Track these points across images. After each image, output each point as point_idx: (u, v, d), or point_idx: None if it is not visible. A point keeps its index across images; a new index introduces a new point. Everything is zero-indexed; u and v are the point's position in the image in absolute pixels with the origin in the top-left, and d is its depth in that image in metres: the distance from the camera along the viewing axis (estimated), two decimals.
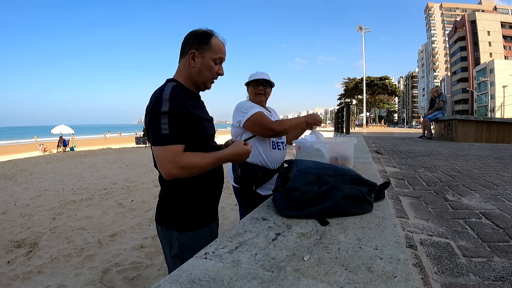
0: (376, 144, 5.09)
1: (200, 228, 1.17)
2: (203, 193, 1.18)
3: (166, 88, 1.05)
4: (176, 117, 1.01)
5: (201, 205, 1.18)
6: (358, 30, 26.58)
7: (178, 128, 1.01)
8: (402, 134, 10.84)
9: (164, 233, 1.17)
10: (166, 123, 0.99)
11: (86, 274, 2.67)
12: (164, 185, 1.16)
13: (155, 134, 1.00)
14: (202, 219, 1.18)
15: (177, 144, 0.99)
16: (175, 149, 0.99)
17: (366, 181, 1.05)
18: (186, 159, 1.00)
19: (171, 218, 1.15)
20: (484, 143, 5.60)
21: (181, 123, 1.02)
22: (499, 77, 47.83)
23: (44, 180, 7.56)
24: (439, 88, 7.06)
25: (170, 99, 1.01)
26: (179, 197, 1.14)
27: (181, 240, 1.12)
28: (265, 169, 1.74)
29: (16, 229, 3.90)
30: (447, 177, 2.12)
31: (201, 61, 1.14)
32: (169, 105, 1.00)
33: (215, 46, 1.15)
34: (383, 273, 0.63)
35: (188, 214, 1.15)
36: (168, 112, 0.99)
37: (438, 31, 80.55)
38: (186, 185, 1.12)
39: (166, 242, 1.17)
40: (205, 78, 1.17)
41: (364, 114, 27.64)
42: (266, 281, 0.60)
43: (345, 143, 1.66)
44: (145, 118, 1.07)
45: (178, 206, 1.14)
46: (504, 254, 0.89)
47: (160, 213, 1.19)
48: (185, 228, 1.14)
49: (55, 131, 21.25)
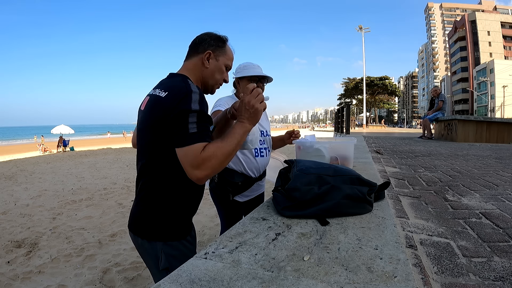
0: (376, 144, 5.09)
1: (184, 237, 1.11)
2: (187, 200, 1.10)
3: (192, 86, 0.98)
4: (205, 117, 0.95)
5: (185, 213, 1.11)
6: (358, 30, 26.58)
7: (206, 127, 0.95)
8: (402, 134, 10.84)
9: (146, 246, 1.07)
10: (194, 122, 0.92)
11: (86, 274, 2.67)
12: (152, 192, 1.05)
13: (181, 134, 0.91)
14: (185, 227, 1.13)
15: (205, 142, 0.92)
16: (200, 148, 0.90)
17: (366, 181, 1.05)
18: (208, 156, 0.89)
19: (155, 229, 1.05)
20: (484, 143, 5.60)
21: (209, 123, 0.97)
22: (499, 77, 47.84)
23: (44, 180, 7.56)
24: (438, 88, 7.06)
25: (200, 98, 0.95)
26: (163, 206, 1.05)
27: (168, 251, 1.05)
28: (245, 177, 1.61)
29: (16, 229, 3.90)
30: (447, 177, 2.12)
31: (215, 64, 1.12)
32: (199, 105, 0.94)
33: (228, 52, 1.15)
34: (383, 273, 0.63)
35: (173, 223, 1.07)
36: (198, 111, 0.93)
37: (438, 31, 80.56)
38: (169, 191, 1.04)
39: (149, 255, 1.08)
40: (216, 81, 1.14)
41: (364, 114, 27.64)
42: (266, 281, 0.60)
43: (345, 143, 1.66)
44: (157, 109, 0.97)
45: (162, 215, 1.05)
46: (504, 254, 0.89)
47: (140, 224, 1.07)
48: (170, 238, 1.06)
49: (55, 131, 21.26)
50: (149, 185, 1.05)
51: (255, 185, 1.68)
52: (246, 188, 1.63)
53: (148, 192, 1.06)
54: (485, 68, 50.76)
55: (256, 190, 1.72)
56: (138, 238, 1.08)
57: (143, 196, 1.06)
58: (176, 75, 1.08)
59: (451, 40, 63.27)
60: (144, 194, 1.06)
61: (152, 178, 1.04)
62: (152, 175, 1.03)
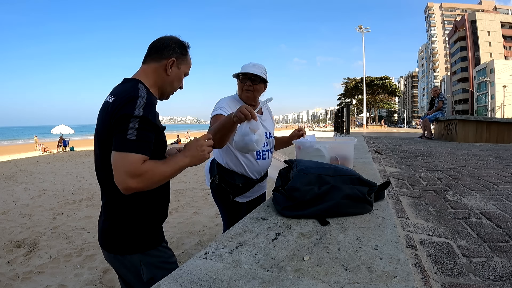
0: (376, 144, 5.09)
1: (160, 243, 1.09)
2: (154, 207, 1.07)
3: (141, 91, 0.95)
4: (148, 125, 0.91)
5: (155, 219, 1.08)
6: (358, 30, 26.58)
7: (147, 137, 0.91)
8: (402, 134, 10.84)
9: (121, 261, 1.02)
10: (135, 128, 0.88)
11: (86, 274, 2.67)
12: (116, 202, 1.00)
13: (119, 138, 0.88)
14: (158, 234, 1.10)
15: (141, 154, 0.88)
16: (137, 158, 0.87)
17: (366, 181, 1.05)
18: (147, 170, 0.88)
19: (129, 242, 1.01)
20: (484, 143, 5.60)
21: (151, 132, 0.93)
22: (499, 77, 47.84)
23: (44, 180, 7.56)
24: (438, 88, 7.06)
25: (146, 104, 0.92)
26: (136, 215, 1.01)
27: (147, 261, 1.03)
28: (246, 179, 1.59)
29: (16, 229, 3.90)
30: (447, 177, 2.12)
31: (176, 72, 1.09)
32: (143, 111, 0.90)
33: (189, 60, 1.13)
34: (383, 273, 0.63)
35: (146, 232, 1.04)
36: (141, 117, 0.89)
37: (438, 31, 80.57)
38: (133, 201, 1.00)
39: (127, 269, 1.03)
40: (173, 89, 1.12)
41: (364, 114, 27.64)
42: (266, 281, 0.60)
43: (345, 143, 1.66)
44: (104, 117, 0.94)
45: (133, 226, 1.01)
46: (504, 254, 0.89)
47: (112, 240, 1.02)
48: (147, 247, 1.03)
49: (55, 131, 21.27)
50: (112, 197, 1.01)
51: (256, 187, 1.67)
52: (247, 189, 1.61)
53: (113, 205, 1.02)
54: (485, 68, 50.76)
55: (257, 191, 1.72)
56: (112, 255, 1.03)
57: (109, 210, 1.02)
58: (130, 80, 1.03)
59: (451, 40, 63.28)
60: (110, 207, 1.02)
61: (112, 189, 0.96)
62: (111, 187, 0.96)
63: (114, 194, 0.99)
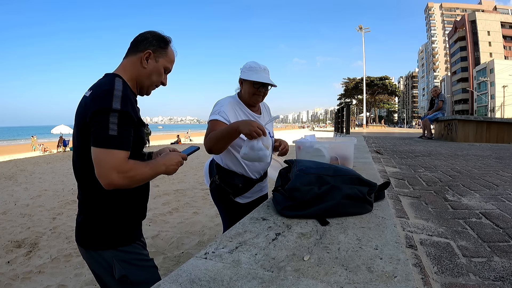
0: (376, 144, 5.09)
1: (134, 240, 1.08)
2: (131, 203, 1.06)
3: (117, 84, 0.93)
4: (127, 119, 0.90)
5: (131, 216, 1.08)
6: (358, 30, 26.59)
7: (127, 132, 0.91)
8: (402, 134, 10.84)
9: (95, 257, 1.01)
10: (115, 123, 0.87)
11: (86, 274, 2.67)
12: (91, 197, 1.00)
13: (99, 133, 0.87)
14: (135, 231, 1.10)
15: (124, 150, 0.89)
16: (122, 155, 0.88)
17: (366, 181, 1.05)
18: (131, 168, 0.89)
19: (102, 238, 1.00)
20: (484, 143, 5.60)
21: (130, 127, 0.93)
22: (499, 77, 47.84)
23: (44, 180, 7.56)
24: (438, 88, 7.07)
25: (123, 97, 0.90)
26: (111, 210, 1.01)
27: (120, 257, 1.01)
28: (246, 179, 1.57)
29: (16, 229, 3.90)
30: (447, 177, 2.12)
31: (154, 65, 1.06)
32: (121, 104, 0.89)
33: (170, 54, 1.10)
34: (383, 273, 0.63)
35: (121, 228, 1.03)
36: (119, 111, 0.88)
37: (438, 31, 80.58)
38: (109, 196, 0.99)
39: (100, 265, 1.02)
40: (152, 83, 1.08)
41: (364, 114, 27.64)
42: (266, 281, 0.60)
43: (345, 143, 1.66)
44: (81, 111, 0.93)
45: (111, 220, 1.01)
46: (504, 254, 0.89)
47: (87, 234, 1.02)
48: (121, 243, 1.03)
49: (55, 131, 21.26)
50: (88, 192, 1.00)
51: (256, 186, 1.65)
52: (247, 189, 1.60)
53: (88, 201, 1.01)
54: (485, 68, 50.76)
55: (258, 191, 1.70)
56: (82, 249, 1.03)
57: (84, 205, 1.02)
58: (108, 75, 1.03)
59: (451, 40, 63.29)
60: (85, 202, 1.02)
61: (89, 184, 0.97)
62: (88, 182, 0.97)
63: (89, 189, 0.99)
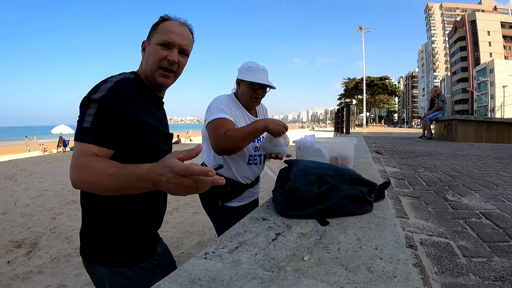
0: (376, 144, 5.09)
1: (136, 263, 0.93)
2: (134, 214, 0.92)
3: (116, 77, 0.86)
4: (107, 111, 0.78)
5: (138, 232, 0.94)
6: (358, 30, 26.60)
7: (104, 125, 0.78)
8: (402, 134, 10.84)
9: (91, 269, 0.93)
10: (91, 114, 0.77)
11: (86, 274, 2.67)
12: (87, 206, 0.91)
13: (77, 126, 0.79)
14: (139, 251, 0.95)
15: (93, 144, 0.75)
16: (84, 148, 0.74)
17: (366, 181, 1.05)
18: (86, 166, 0.71)
19: (98, 251, 0.90)
20: (484, 143, 5.60)
21: (111, 120, 0.79)
22: (499, 77, 47.85)
23: (44, 180, 7.56)
24: (438, 88, 7.07)
25: (112, 88, 0.80)
26: (108, 222, 0.89)
27: (113, 279, 0.90)
28: (236, 183, 1.50)
29: (16, 229, 3.90)
30: (447, 177, 2.12)
31: (148, 49, 0.94)
32: (105, 95, 0.79)
33: (162, 28, 0.93)
34: (383, 273, 0.63)
35: (121, 245, 0.90)
36: (99, 101, 0.78)
37: (438, 31, 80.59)
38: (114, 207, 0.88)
39: (95, 279, 0.94)
40: (151, 67, 0.92)
41: (364, 114, 27.66)
42: (266, 281, 0.60)
43: (345, 143, 1.66)
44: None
45: (105, 235, 0.89)
46: (504, 254, 0.89)
47: (82, 245, 0.94)
48: (116, 263, 0.90)
49: (55, 131, 21.26)
50: (86, 198, 0.91)
51: (247, 192, 1.57)
52: (236, 194, 1.51)
53: (84, 208, 0.92)
54: (485, 68, 50.77)
55: (248, 197, 1.62)
56: (85, 261, 0.94)
57: (83, 212, 0.93)
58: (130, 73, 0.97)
59: (451, 40, 63.29)
60: (83, 209, 0.93)
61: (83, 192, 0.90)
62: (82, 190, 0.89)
63: (85, 196, 0.92)
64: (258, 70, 1.45)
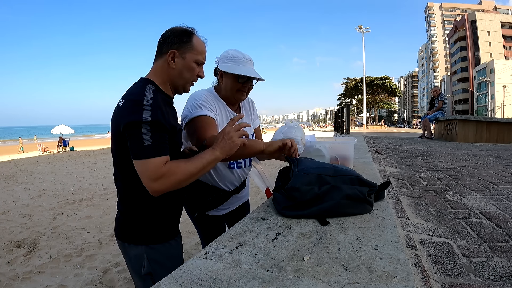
0: (376, 144, 5.09)
1: (168, 240, 1.09)
2: (163, 203, 1.07)
3: (147, 93, 0.94)
4: (158, 127, 0.91)
5: (168, 215, 1.10)
6: (358, 30, 26.59)
7: (162, 138, 0.92)
8: (402, 134, 10.84)
9: (129, 250, 1.05)
10: (148, 133, 0.89)
11: (86, 274, 2.67)
12: (125, 196, 1.05)
13: (136, 146, 0.90)
14: (170, 230, 1.11)
15: (161, 156, 0.90)
16: (157, 162, 0.89)
17: (366, 181, 1.05)
18: (167, 171, 0.89)
19: (137, 232, 1.04)
20: (484, 143, 5.60)
21: (164, 133, 0.94)
22: (499, 77, 47.83)
23: (44, 180, 7.56)
24: (438, 88, 7.07)
25: (153, 107, 0.91)
26: (144, 209, 1.03)
27: (151, 255, 1.04)
28: (218, 191, 1.38)
29: (16, 229, 3.90)
30: (447, 177, 2.12)
31: (182, 63, 1.03)
32: (151, 115, 0.90)
33: (197, 46, 1.05)
34: (383, 273, 0.63)
35: (156, 226, 1.06)
36: (150, 122, 0.89)
37: (438, 31, 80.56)
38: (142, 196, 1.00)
39: (132, 259, 1.06)
40: (186, 80, 1.06)
41: (364, 114, 27.66)
42: (266, 281, 0.60)
43: (345, 143, 1.66)
44: (115, 120, 0.96)
45: (143, 218, 1.04)
46: (504, 254, 0.89)
47: (122, 228, 1.07)
48: (153, 241, 1.05)
49: (55, 131, 21.27)
50: (123, 190, 1.05)
51: (233, 198, 1.45)
52: (219, 203, 1.41)
53: (124, 197, 1.06)
54: (485, 68, 50.75)
55: (234, 203, 1.51)
56: (119, 241, 1.08)
57: (121, 202, 1.07)
58: (141, 80, 1.04)
59: (451, 40, 63.28)
60: (122, 200, 1.07)
61: (124, 184, 1.04)
62: (123, 181, 1.03)
63: (124, 190, 1.05)
64: (245, 61, 1.28)
